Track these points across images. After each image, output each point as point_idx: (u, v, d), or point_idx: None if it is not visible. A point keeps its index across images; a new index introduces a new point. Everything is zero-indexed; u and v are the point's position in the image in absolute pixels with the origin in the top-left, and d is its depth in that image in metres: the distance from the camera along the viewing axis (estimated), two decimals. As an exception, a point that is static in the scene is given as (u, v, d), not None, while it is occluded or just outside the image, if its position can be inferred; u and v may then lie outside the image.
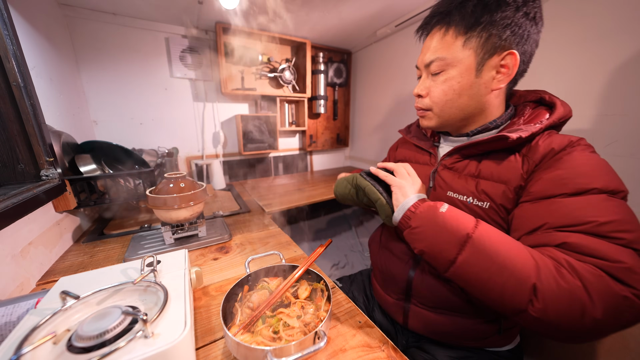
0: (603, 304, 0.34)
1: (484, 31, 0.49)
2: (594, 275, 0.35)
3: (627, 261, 0.35)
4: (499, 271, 0.39)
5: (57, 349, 0.32)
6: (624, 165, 0.83)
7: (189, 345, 0.35)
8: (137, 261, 0.51)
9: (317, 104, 1.87)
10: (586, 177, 0.42)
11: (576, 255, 0.38)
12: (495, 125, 0.57)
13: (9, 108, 0.64)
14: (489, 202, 0.52)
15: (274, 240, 0.83)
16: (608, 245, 0.37)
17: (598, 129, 0.88)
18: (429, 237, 0.47)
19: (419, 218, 0.49)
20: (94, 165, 0.93)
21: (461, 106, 0.56)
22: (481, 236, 0.42)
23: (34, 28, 0.90)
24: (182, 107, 1.56)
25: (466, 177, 0.56)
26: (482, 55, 0.51)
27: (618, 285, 0.34)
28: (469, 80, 0.53)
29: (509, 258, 0.39)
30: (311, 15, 1.37)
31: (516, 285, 0.38)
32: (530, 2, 0.48)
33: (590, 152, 0.46)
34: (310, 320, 0.44)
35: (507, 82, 0.53)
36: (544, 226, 0.42)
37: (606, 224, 0.38)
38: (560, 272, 0.37)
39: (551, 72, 0.98)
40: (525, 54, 0.51)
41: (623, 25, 0.81)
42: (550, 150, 0.47)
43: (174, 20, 1.38)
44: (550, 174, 0.45)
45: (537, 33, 0.51)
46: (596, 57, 0.87)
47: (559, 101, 0.53)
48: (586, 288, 0.35)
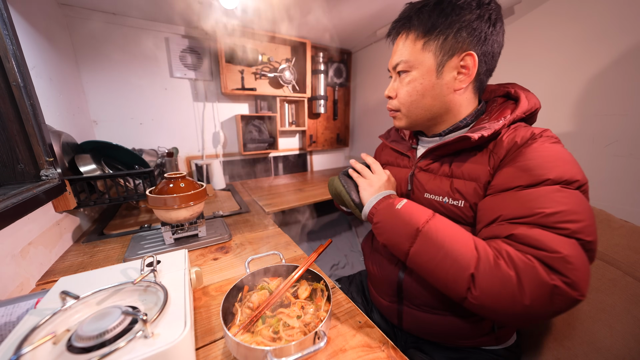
0: (532, 293, 0.37)
1: (441, 34, 0.52)
2: (527, 265, 0.37)
3: (564, 251, 0.36)
4: (443, 261, 0.43)
5: (56, 349, 0.32)
6: (624, 165, 0.83)
7: (189, 345, 0.35)
8: (137, 261, 0.51)
9: (317, 104, 1.87)
10: (541, 169, 0.43)
11: (519, 246, 0.40)
12: (466, 123, 0.58)
13: (8, 108, 0.64)
14: (463, 200, 0.54)
15: (274, 240, 0.83)
16: (551, 236, 0.38)
17: (598, 129, 0.88)
18: (388, 230, 0.52)
19: (380, 214, 0.54)
20: (94, 165, 0.92)
21: (426, 106, 0.58)
22: (430, 230, 0.46)
23: (33, 28, 0.90)
24: (182, 107, 1.56)
25: (441, 177, 0.59)
26: (441, 57, 0.53)
27: (550, 275, 0.36)
28: (431, 81, 0.55)
29: (453, 249, 0.43)
30: (311, 15, 1.37)
31: (457, 274, 0.42)
32: (485, 5, 0.51)
33: (551, 142, 0.47)
34: (310, 320, 0.44)
35: (468, 82, 0.54)
36: (499, 218, 0.45)
37: (552, 215, 0.39)
38: (497, 263, 0.39)
39: (551, 72, 0.98)
40: (486, 54, 0.53)
41: (623, 25, 0.81)
42: (514, 145, 0.49)
43: (174, 20, 1.38)
44: (510, 167, 0.47)
45: (497, 34, 0.53)
46: (596, 57, 0.87)
47: (524, 95, 0.55)
48: (518, 277, 0.37)
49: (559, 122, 0.98)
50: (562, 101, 0.96)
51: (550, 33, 0.97)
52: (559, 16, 0.94)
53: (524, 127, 0.51)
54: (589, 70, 0.89)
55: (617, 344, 0.58)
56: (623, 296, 0.62)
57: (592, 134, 0.90)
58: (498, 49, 0.55)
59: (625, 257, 0.65)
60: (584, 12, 0.88)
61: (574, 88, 0.93)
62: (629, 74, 0.81)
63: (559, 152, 0.46)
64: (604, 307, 0.63)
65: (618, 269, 0.65)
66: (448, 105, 0.57)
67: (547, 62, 0.99)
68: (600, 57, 0.86)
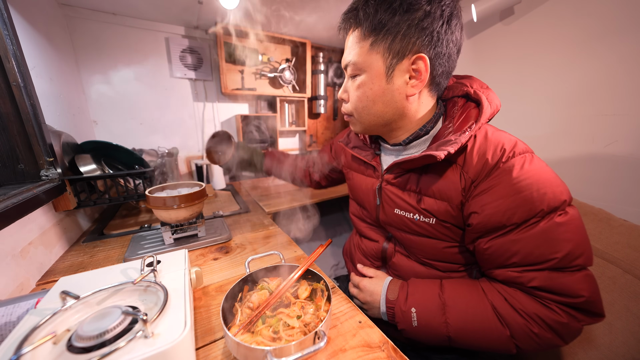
0: (567, 337, 0.44)
1: (388, 34, 0.47)
2: (559, 323, 0.43)
3: (585, 293, 0.42)
4: (484, 348, 0.49)
5: (57, 349, 0.32)
6: (624, 165, 0.83)
7: (189, 345, 0.35)
8: (137, 261, 0.51)
9: (317, 104, 1.87)
10: (530, 203, 0.43)
11: (545, 296, 0.44)
12: (426, 131, 0.55)
13: (9, 108, 0.64)
14: (434, 218, 0.53)
15: (274, 240, 0.83)
16: (569, 279, 0.43)
17: (598, 128, 0.88)
18: (420, 336, 0.53)
19: (402, 324, 0.54)
20: (94, 165, 0.92)
21: (377, 113, 0.54)
22: (457, 332, 0.49)
23: (34, 28, 0.90)
24: (182, 107, 1.56)
25: (409, 192, 0.56)
26: (390, 59, 0.48)
27: (579, 317, 0.43)
28: (381, 86, 0.51)
29: (486, 339, 0.47)
30: (311, 15, 1.37)
31: (502, 350, 0.47)
32: (437, 1, 0.45)
33: (527, 164, 0.45)
34: (310, 320, 0.44)
35: (421, 87, 0.50)
36: (514, 265, 0.46)
37: (565, 258, 0.43)
38: (533, 332, 0.44)
39: (551, 71, 0.98)
40: (440, 56, 0.48)
41: (623, 25, 0.81)
42: (484, 164, 0.47)
43: (174, 20, 1.38)
44: (494, 203, 0.46)
45: (452, 33, 0.47)
46: (596, 57, 0.87)
47: (484, 97, 0.51)
48: (555, 333, 0.44)
49: (559, 122, 0.98)
50: (562, 101, 0.96)
51: (550, 33, 0.97)
52: (559, 16, 0.94)
53: (492, 136, 0.49)
54: (589, 70, 0.89)
55: (616, 342, 0.58)
56: (622, 294, 0.62)
57: (592, 134, 0.90)
58: (455, 48, 0.49)
59: (624, 255, 0.65)
60: (584, 12, 0.88)
61: (574, 88, 0.93)
62: (629, 74, 0.81)
63: (539, 172, 0.44)
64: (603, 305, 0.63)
65: (618, 266, 0.65)
66: (402, 112, 0.53)
67: (547, 62, 0.99)
68: (601, 57, 0.86)
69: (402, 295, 0.54)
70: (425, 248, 0.57)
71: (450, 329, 0.49)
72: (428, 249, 0.57)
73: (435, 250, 0.56)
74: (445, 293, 0.51)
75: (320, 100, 1.86)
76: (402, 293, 0.55)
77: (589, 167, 0.91)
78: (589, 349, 0.61)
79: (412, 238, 0.58)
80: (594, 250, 0.69)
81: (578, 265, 0.43)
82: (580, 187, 0.93)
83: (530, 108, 1.06)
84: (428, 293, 0.53)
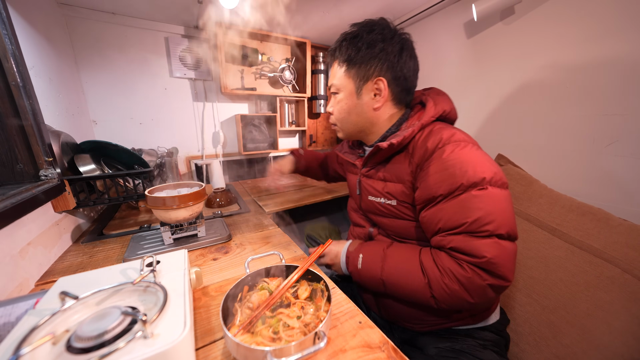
0: (473, 293, 0.51)
1: (356, 63, 0.64)
2: (465, 276, 0.51)
3: (488, 255, 0.49)
4: (409, 295, 0.59)
5: (56, 349, 0.32)
6: (624, 165, 0.83)
7: (188, 346, 0.35)
8: (137, 261, 0.51)
9: (317, 103, 1.86)
10: (453, 177, 0.53)
11: (458, 256, 0.52)
12: (391, 132, 0.68)
13: (7, 108, 0.64)
14: (395, 200, 0.66)
15: (274, 241, 0.83)
16: (477, 242, 0.50)
17: (598, 129, 0.88)
18: (365, 282, 0.65)
19: (355, 274, 0.67)
20: (93, 165, 0.92)
21: (353, 122, 0.70)
22: (388, 276, 0.60)
23: (32, 27, 0.90)
24: (182, 107, 1.56)
25: (377, 181, 0.70)
26: (358, 82, 0.65)
27: (483, 276, 0.50)
28: (353, 102, 0.67)
29: (410, 285, 0.57)
30: (311, 15, 1.36)
31: (422, 299, 0.57)
32: (389, 40, 0.62)
33: (460, 148, 0.55)
34: (310, 320, 0.44)
35: (383, 102, 0.65)
36: (439, 230, 0.56)
37: (474, 222, 0.51)
38: (444, 282, 0.53)
39: (551, 71, 0.98)
40: (397, 78, 0.63)
41: (623, 24, 0.81)
42: (426, 150, 0.58)
43: (174, 19, 1.38)
44: (428, 175, 0.57)
45: (404, 62, 0.63)
46: (597, 56, 0.87)
47: (432, 103, 0.64)
48: (462, 286, 0.51)
49: (559, 122, 0.98)
50: (562, 101, 0.96)
51: (550, 33, 0.97)
52: (559, 16, 0.94)
53: (437, 130, 0.60)
54: (589, 69, 0.89)
55: (615, 342, 0.58)
56: (621, 294, 0.62)
57: (592, 134, 0.90)
58: (409, 72, 0.64)
59: (623, 254, 0.65)
60: (584, 12, 0.88)
61: (574, 88, 0.93)
62: (630, 74, 0.81)
63: (465, 155, 0.54)
64: (602, 305, 0.63)
65: (616, 266, 0.65)
66: (372, 121, 0.68)
67: (547, 62, 0.99)
68: (601, 56, 0.86)
69: (358, 247, 0.67)
70: (395, 227, 0.68)
71: (384, 273, 0.60)
72: (399, 229, 0.68)
73: (405, 230, 0.67)
74: (389, 249, 0.63)
75: (320, 100, 1.85)
76: (359, 246, 0.68)
77: (589, 167, 0.91)
78: (588, 349, 0.61)
79: (385, 220, 0.70)
80: (592, 249, 0.69)
81: (487, 231, 0.50)
82: (580, 187, 0.93)
83: (530, 108, 1.06)
84: (376, 247, 0.65)
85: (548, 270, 0.73)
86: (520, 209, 0.87)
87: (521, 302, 0.74)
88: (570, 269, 0.70)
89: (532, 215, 0.83)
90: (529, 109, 1.06)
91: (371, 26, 0.64)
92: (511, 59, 1.09)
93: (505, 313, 0.73)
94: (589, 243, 0.70)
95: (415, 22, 1.45)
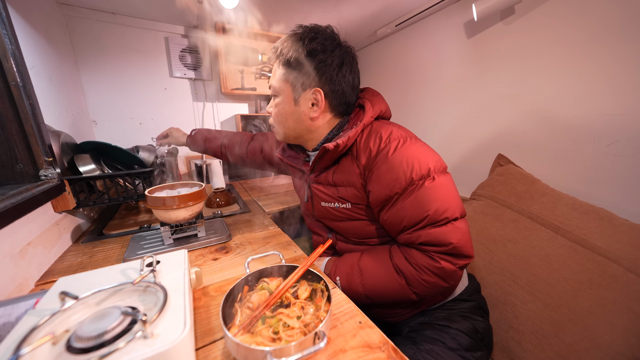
0: (449, 279, 0.56)
1: (295, 70, 0.62)
2: (439, 268, 0.55)
3: (452, 240, 0.53)
4: (393, 298, 0.61)
5: (56, 349, 0.32)
6: (625, 165, 0.83)
7: (188, 346, 0.35)
8: (137, 261, 0.51)
9: (317, 103, 1.86)
10: (403, 174, 0.56)
11: (429, 249, 0.56)
12: (333, 135, 0.68)
13: (7, 108, 0.64)
14: (348, 203, 0.66)
15: (274, 241, 0.83)
16: (440, 231, 0.54)
17: (599, 129, 0.88)
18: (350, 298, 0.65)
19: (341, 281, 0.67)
20: (93, 165, 0.92)
21: (290, 127, 0.69)
22: (369, 290, 0.62)
23: (32, 27, 0.90)
24: (182, 107, 1.56)
25: (328, 186, 0.69)
26: (295, 88, 0.64)
27: (453, 261, 0.55)
28: (291, 107, 0.66)
29: (391, 290, 0.60)
30: (311, 15, 1.36)
31: (404, 298, 0.60)
32: (329, 52, 0.61)
33: (400, 145, 0.58)
34: (310, 320, 0.43)
35: (320, 112, 0.65)
36: (405, 228, 0.58)
37: (434, 213, 0.54)
38: (422, 278, 0.56)
39: (551, 71, 0.98)
40: (335, 91, 0.63)
41: (623, 24, 0.81)
42: (370, 153, 0.60)
43: (174, 19, 1.38)
44: (380, 180, 0.59)
45: (343, 76, 0.62)
46: (597, 56, 0.87)
47: (369, 105, 0.65)
48: (439, 277, 0.56)
49: (559, 122, 0.98)
50: (562, 101, 0.96)
51: (550, 33, 0.97)
52: (559, 16, 0.94)
53: (375, 129, 0.62)
54: (590, 69, 0.89)
55: (617, 340, 0.58)
56: (624, 292, 0.62)
57: (592, 134, 0.90)
58: (348, 86, 0.64)
59: (626, 253, 0.65)
60: (584, 11, 0.88)
61: (574, 88, 0.93)
62: (630, 74, 0.81)
63: (407, 151, 0.57)
64: (604, 303, 0.63)
65: (619, 265, 0.65)
66: (309, 128, 0.68)
67: (547, 62, 0.99)
68: (601, 56, 0.86)
69: (333, 269, 0.68)
70: (353, 230, 0.69)
71: (365, 288, 0.62)
72: (356, 230, 0.69)
73: (361, 230, 0.68)
74: (361, 261, 0.64)
75: (320, 100, 1.85)
76: (333, 267, 0.68)
77: (590, 167, 0.91)
78: (590, 348, 0.61)
79: (341, 225, 0.70)
80: (595, 247, 0.69)
81: (445, 218, 0.54)
82: (581, 187, 0.93)
83: (530, 108, 1.05)
84: (349, 264, 0.66)
85: (551, 268, 0.73)
86: (523, 207, 0.87)
87: (524, 300, 0.74)
88: (573, 267, 0.70)
89: (535, 214, 0.83)
90: (529, 109, 1.06)
91: (315, 33, 0.62)
92: (511, 58, 1.09)
93: (474, 278, 0.76)
94: (592, 241, 0.70)
95: (416, 22, 1.45)
